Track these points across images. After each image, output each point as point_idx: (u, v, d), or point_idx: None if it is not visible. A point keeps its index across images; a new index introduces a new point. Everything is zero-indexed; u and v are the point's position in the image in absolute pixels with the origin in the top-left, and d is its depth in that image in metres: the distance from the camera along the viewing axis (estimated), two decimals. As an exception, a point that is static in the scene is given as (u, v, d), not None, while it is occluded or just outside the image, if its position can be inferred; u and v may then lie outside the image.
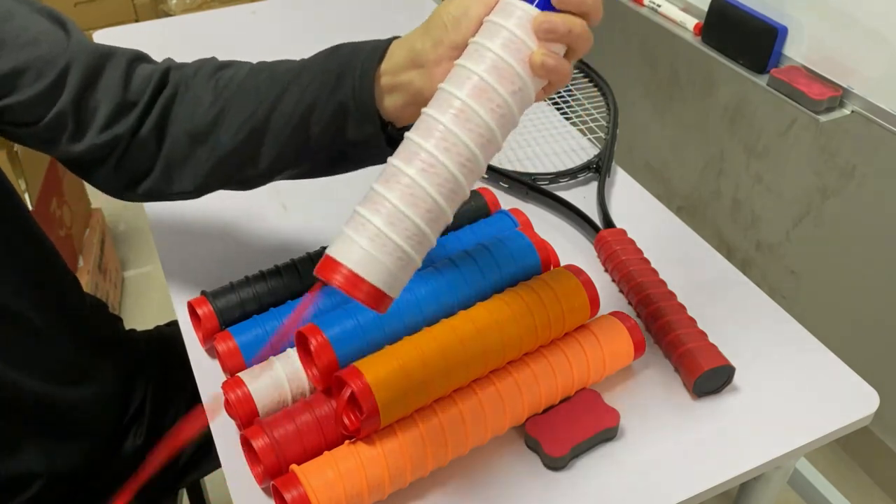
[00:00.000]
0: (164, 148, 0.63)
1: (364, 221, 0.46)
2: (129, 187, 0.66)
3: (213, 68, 0.64)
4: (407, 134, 0.49)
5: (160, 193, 0.66)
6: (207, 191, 0.66)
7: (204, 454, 0.90)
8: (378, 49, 0.56)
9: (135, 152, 0.63)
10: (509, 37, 0.48)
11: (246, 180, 0.65)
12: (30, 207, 1.49)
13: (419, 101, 0.53)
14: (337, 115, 0.58)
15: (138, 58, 0.65)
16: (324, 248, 0.72)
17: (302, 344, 0.60)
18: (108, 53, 0.63)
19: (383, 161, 0.57)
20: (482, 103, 0.48)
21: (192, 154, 0.63)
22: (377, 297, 0.46)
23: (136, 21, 2.70)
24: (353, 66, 0.57)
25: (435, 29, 0.52)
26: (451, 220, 0.48)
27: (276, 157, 0.61)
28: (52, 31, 0.61)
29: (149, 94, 0.62)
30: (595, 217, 0.84)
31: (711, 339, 0.67)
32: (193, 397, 0.89)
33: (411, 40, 0.55)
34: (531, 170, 0.93)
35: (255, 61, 0.65)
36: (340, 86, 0.57)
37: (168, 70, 0.64)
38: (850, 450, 1.51)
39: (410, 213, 0.46)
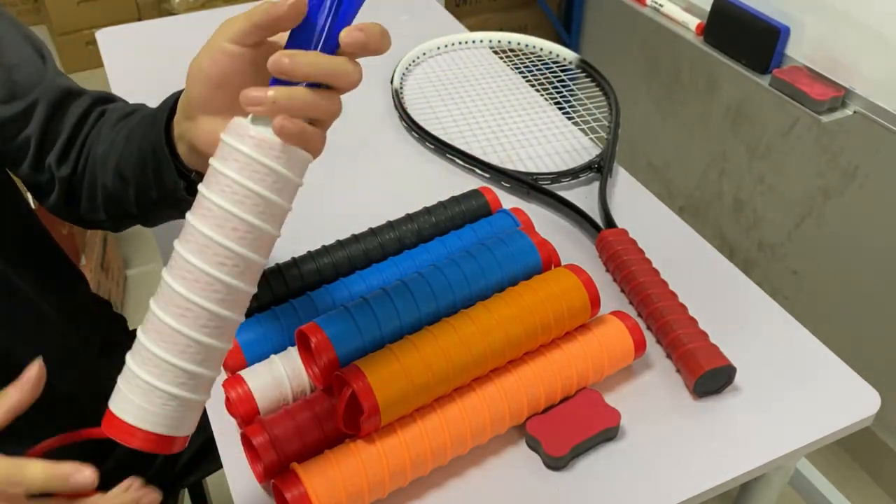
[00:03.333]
0: (85, 184, 0.67)
1: (133, 376, 0.45)
2: (78, 217, 0.71)
3: (125, 112, 0.67)
4: (163, 271, 0.46)
5: (92, 222, 0.70)
6: (119, 227, 0.70)
7: (205, 454, 0.90)
8: (172, 97, 0.57)
9: (75, 187, 0.68)
10: (246, 160, 0.44)
11: (135, 219, 0.67)
12: (32, 206, 1.50)
13: (195, 151, 0.54)
14: (156, 165, 0.58)
15: (101, 99, 0.69)
16: (325, 247, 0.72)
17: (303, 342, 0.61)
18: (75, 94, 0.67)
19: None
20: (227, 235, 0.44)
21: (96, 192, 0.67)
22: (160, 442, 0.46)
23: (139, 19, 2.70)
24: (159, 114, 0.57)
25: (187, 82, 0.52)
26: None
27: (138, 202, 0.63)
28: (33, 60, 0.66)
29: (84, 134, 0.67)
30: (596, 217, 0.84)
31: (712, 340, 0.67)
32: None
33: (184, 91, 0.54)
34: (533, 169, 0.93)
35: None
36: (151, 137, 0.58)
37: (104, 111, 0.68)
38: (852, 450, 1.51)
39: (176, 361, 0.44)
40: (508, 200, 0.88)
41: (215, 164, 0.45)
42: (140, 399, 0.45)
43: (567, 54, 1.10)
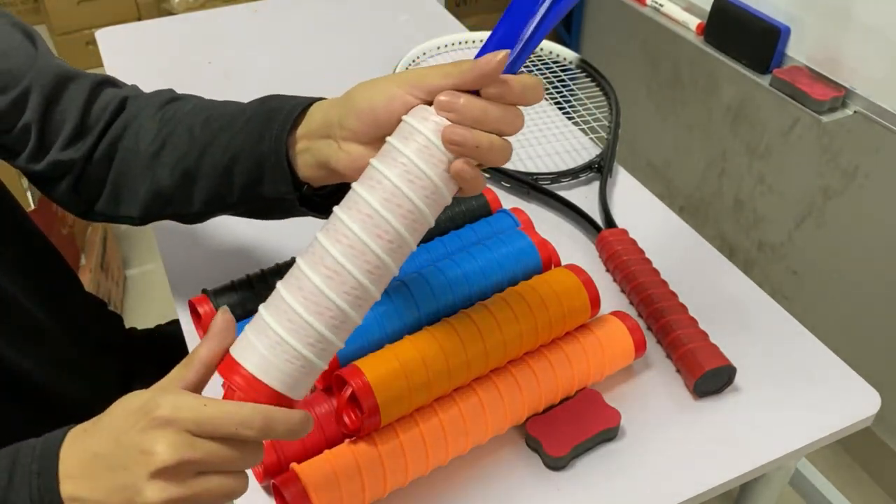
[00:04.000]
0: (111, 174, 0.65)
1: (265, 327, 0.45)
2: (87, 208, 0.69)
3: (163, 101, 0.65)
4: (317, 234, 0.47)
5: (110, 216, 0.68)
6: (150, 220, 0.68)
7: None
8: (295, 109, 0.57)
9: (89, 175, 0.66)
10: (425, 142, 0.47)
11: (182, 216, 0.66)
12: (32, 206, 1.49)
13: (326, 167, 0.54)
14: (255, 169, 0.58)
15: (103, 82, 0.67)
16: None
17: (303, 343, 0.60)
18: (72, 76, 0.65)
19: (303, 215, 0.59)
20: (391, 210, 0.46)
21: (133, 183, 0.65)
22: (277, 400, 0.45)
23: (139, 19, 2.70)
24: (273, 123, 0.57)
25: (344, 108, 0.52)
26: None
27: (207, 201, 0.63)
28: (23, 45, 0.64)
29: (105, 120, 0.65)
30: (596, 217, 0.84)
31: (712, 340, 0.67)
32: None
33: (326, 109, 0.55)
34: (533, 169, 0.93)
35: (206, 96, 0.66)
36: (260, 141, 0.57)
37: (126, 98, 0.66)
38: (852, 450, 1.51)
39: (313, 321, 0.45)
40: (508, 200, 0.88)
41: (393, 142, 0.47)
42: (267, 350, 0.45)
43: (567, 54, 1.10)
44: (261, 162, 0.58)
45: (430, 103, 0.48)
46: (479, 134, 0.47)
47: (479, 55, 0.48)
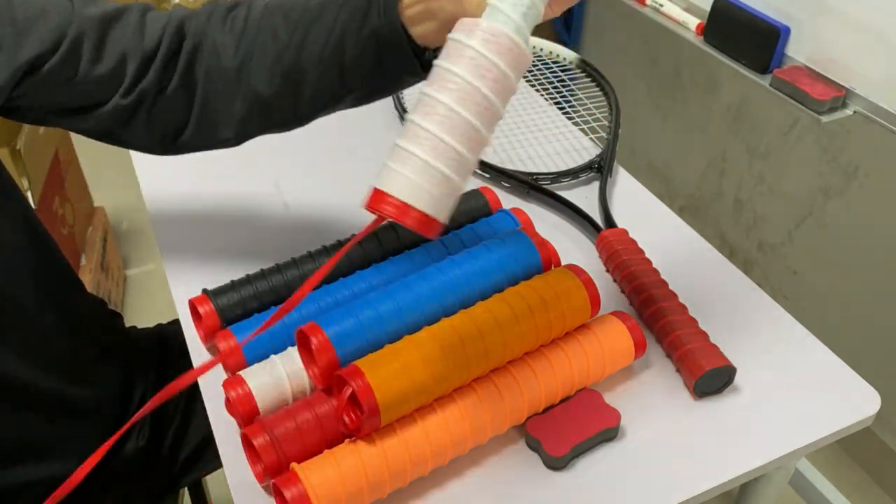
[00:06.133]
0: (196, 101, 0.63)
1: (406, 154, 0.47)
2: (164, 142, 0.66)
3: (224, 11, 0.63)
4: (437, 62, 0.49)
5: (200, 145, 0.66)
6: (248, 138, 0.66)
7: (204, 453, 0.90)
8: None
9: (164, 107, 0.63)
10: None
11: (285, 122, 0.65)
12: (32, 206, 1.49)
13: (452, 26, 0.52)
14: (370, 48, 0.57)
15: (145, 10, 0.64)
16: (325, 247, 0.72)
17: (303, 342, 0.61)
18: (113, 15, 0.62)
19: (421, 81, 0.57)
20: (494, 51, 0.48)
21: (225, 104, 0.63)
22: (427, 223, 0.47)
23: (139, 19, 2.70)
24: (375, 1, 0.56)
25: None
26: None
27: (314, 97, 0.61)
28: None
29: (166, 46, 0.62)
30: (596, 217, 0.84)
31: (713, 340, 0.67)
32: (193, 396, 0.89)
33: None
34: (533, 169, 0.93)
35: None
36: (366, 18, 0.56)
37: (182, 22, 0.64)
38: (852, 450, 1.51)
39: (449, 140, 0.47)
40: (508, 200, 0.88)
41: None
42: (416, 176, 0.47)
43: (567, 54, 1.10)
44: (374, 37, 0.56)
45: None
46: None
47: None
